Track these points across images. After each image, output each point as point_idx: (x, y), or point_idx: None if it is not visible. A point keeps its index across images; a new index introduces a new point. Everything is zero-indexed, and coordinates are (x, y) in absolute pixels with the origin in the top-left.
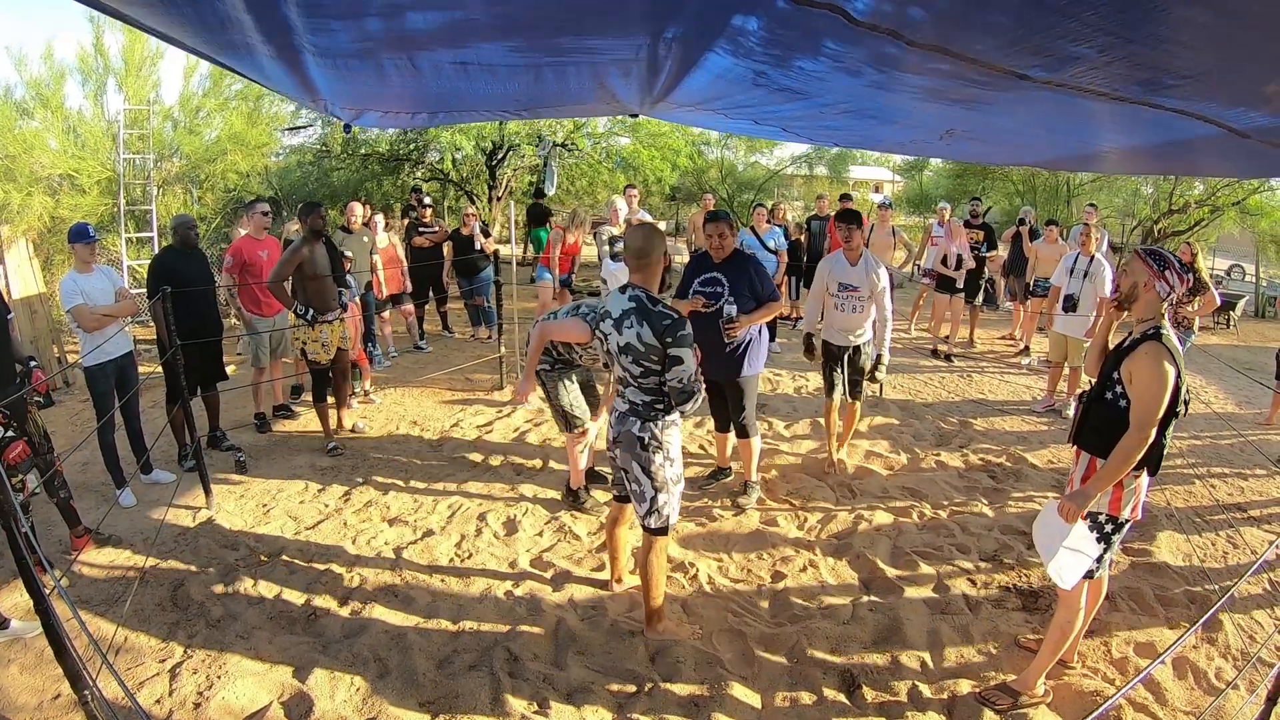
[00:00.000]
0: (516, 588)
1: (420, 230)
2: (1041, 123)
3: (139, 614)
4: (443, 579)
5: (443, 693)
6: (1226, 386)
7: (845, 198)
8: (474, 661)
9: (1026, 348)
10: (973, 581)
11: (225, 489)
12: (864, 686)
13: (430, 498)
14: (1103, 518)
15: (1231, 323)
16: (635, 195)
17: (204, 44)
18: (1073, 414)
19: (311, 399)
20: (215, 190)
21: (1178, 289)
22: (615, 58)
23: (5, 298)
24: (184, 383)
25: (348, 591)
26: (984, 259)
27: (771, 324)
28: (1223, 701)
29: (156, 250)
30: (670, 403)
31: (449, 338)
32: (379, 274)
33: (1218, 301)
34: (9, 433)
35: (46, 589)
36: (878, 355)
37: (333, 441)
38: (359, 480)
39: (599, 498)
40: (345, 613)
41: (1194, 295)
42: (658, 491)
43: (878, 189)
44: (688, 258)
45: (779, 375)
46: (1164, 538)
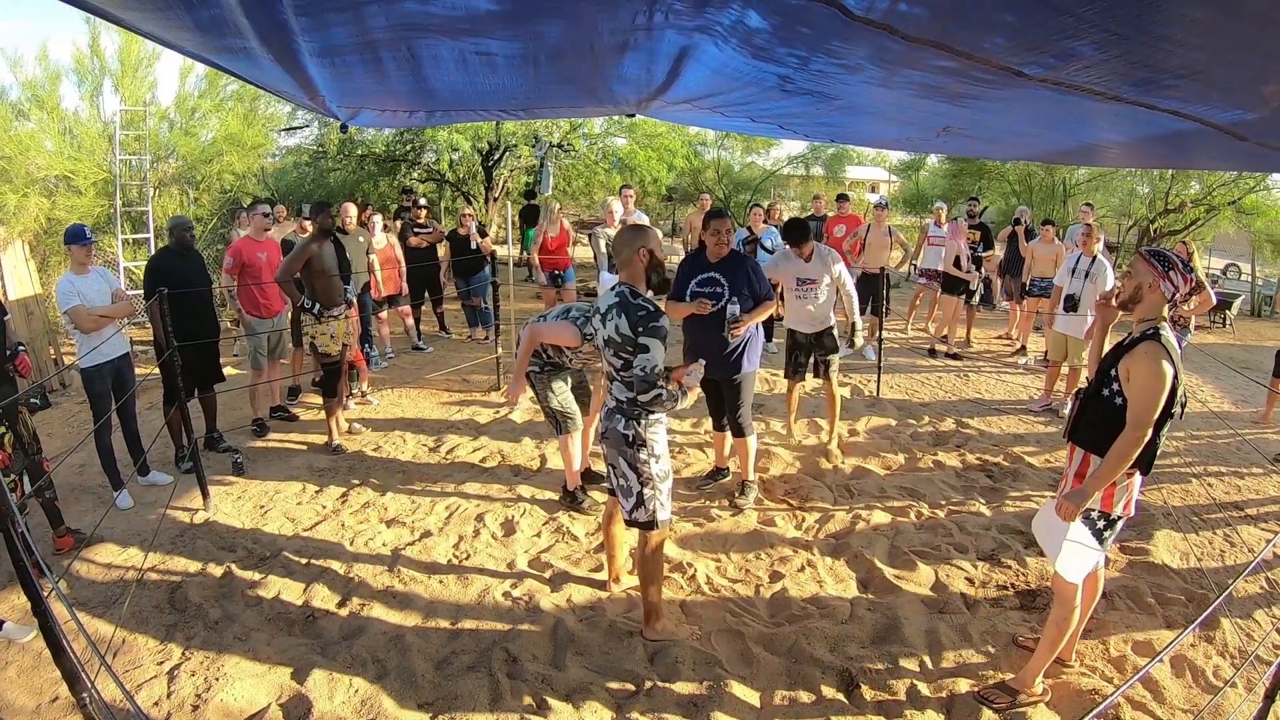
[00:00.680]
0: (515, 588)
1: (415, 231)
2: (1039, 120)
3: (137, 616)
4: (441, 580)
5: (441, 694)
6: (1223, 385)
7: (842, 198)
8: (472, 662)
9: (1023, 347)
10: (970, 581)
11: (223, 490)
12: (862, 686)
13: (428, 499)
14: (1095, 514)
15: (1228, 321)
16: (631, 196)
17: (200, 47)
18: (1069, 411)
19: (320, 397)
20: (211, 191)
21: (1182, 289)
22: (613, 48)
23: (1, 299)
24: (181, 384)
25: (346, 593)
26: (980, 259)
27: (768, 324)
28: (1221, 700)
29: (153, 251)
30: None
31: (446, 338)
32: (375, 275)
33: (1214, 301)
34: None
35: (44, 591)
36: (853, 324)
37: (337, 440)
38: (356, 481)
39: (597, 498)
40: (343, 614)
41: (1190, 294)
42: (643, 487)
43: (874, 189)
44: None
45: (775, 375)
46: (1161, 536)
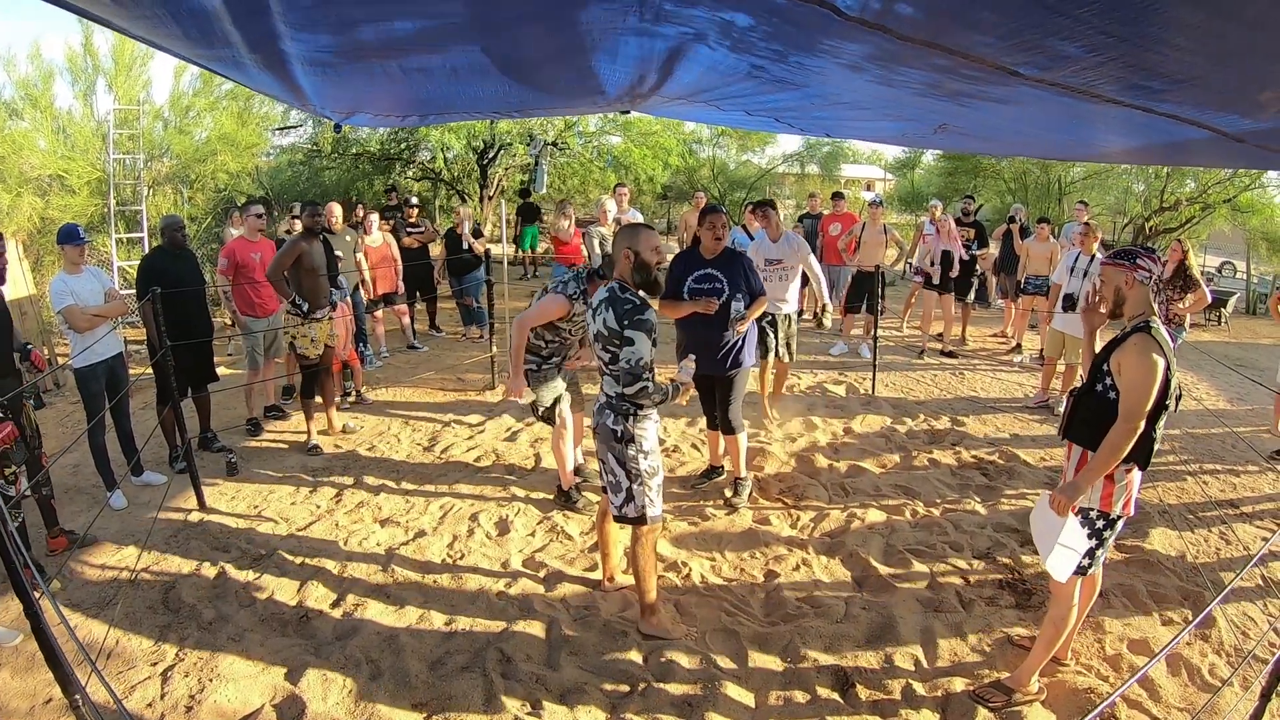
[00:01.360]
0: (509, 588)
1: (409, 231)
2: (1034, 119)
3: (130, 616)
4: (435, 580)
5: (435, 694)
6: (1218, 383)
7: (838, 196)
8: (467, 662)
9: (1018, 345)
10: (966, 579)
11: (216, 491)
12: (857, 685)
13: (422, 498)
14: (1094, 514)
15: (1223, 319)
16: (625, 194)
17: (191, 54)
18: (1064, 409)
19: (300, 396)
20: (205, 190)
21: (1155, 269)
22: (605, 52)
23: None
24: (175, 384)
25: (340, 593)
26: (975, 256)
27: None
28: (1217, 698)
29: (146, 251)
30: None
31: (437, 337)
32: (364, 273)
33: (1209, 299)
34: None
35: (35, 593)
36: (823, 305)
37: (313, 441)
38: (350, 481)
39: (591, 498)
40: (337, 614)
41: (1185, 293)
42: (632, 483)
43: (869, 187)
44: None
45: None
46: (1157, 534)
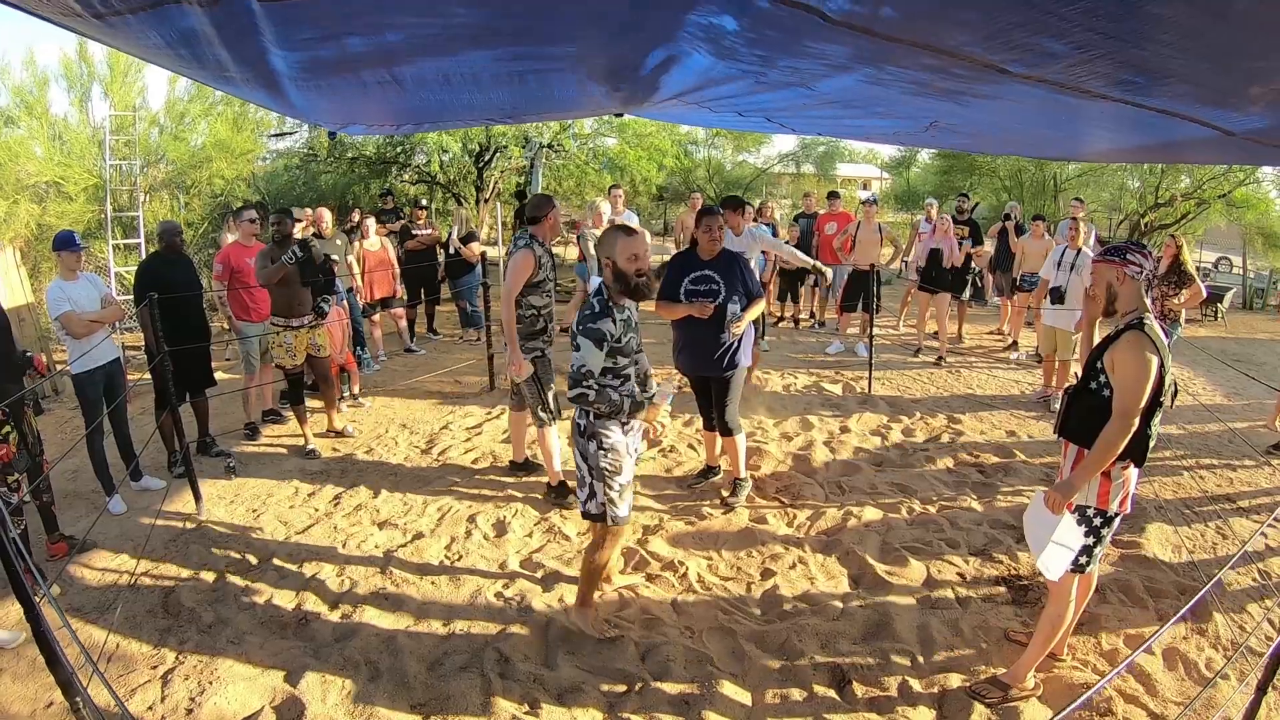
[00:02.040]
0: (507, 589)
1: (414, 234)
2: (1025, 115)
3: (130, 620)
4: (433, 581)
5: (434, 695)
6: (1214, 378)
7: (833, 195)
8: (465, 663)
9: (1015, 342)
10: (962, 576)
11: (215, 495)
12: (854, 682)
13: (420, 500)
14: (1091, 511)
15: (1219, 315)
16: (620, 196)
17: (184, 69)
18: (1059, 406)
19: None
20: (202, 196)
21: (1146, 265)
22: (597, 61)
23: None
24: (172, 389)
25: (338, 595)
26: (970, 254)
27: (758, 322)
28: (1213, 691)
29: (143, 257)
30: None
31: (435, 339)
32: (356, 278)
33: (1204, 294)
34: (2, 431)
35: (36, 596)
36: (814, 265)
37: (311, 445)
38: (349, 484)
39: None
40: (336, 616)
41: (1180, 288)
42: (594, 479)
43: (865, 186)
44: None
45: (768, 374)
46: (1153, 530)
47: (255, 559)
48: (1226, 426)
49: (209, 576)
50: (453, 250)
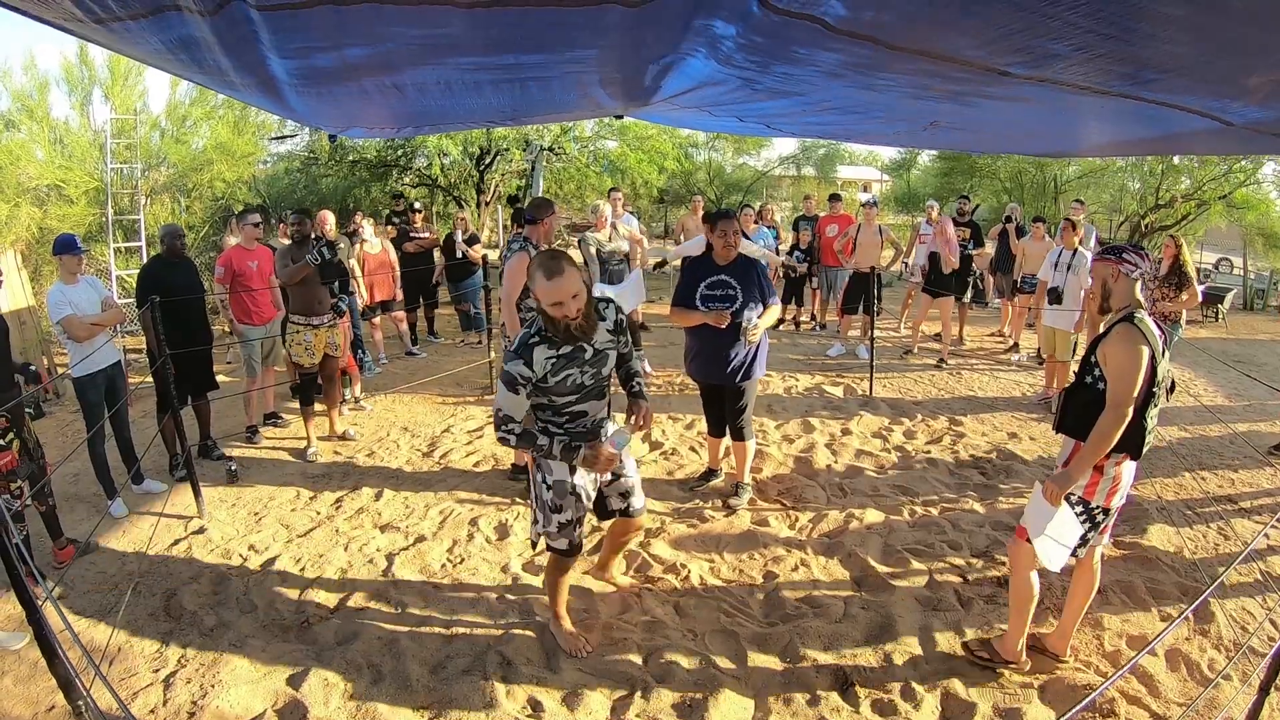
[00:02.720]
0: (509, 592)
1: (411, 237)
2: (1026, 114)
3: (132, 623)
4: (435, 584)
5: (436, 698)
6: (1216, 379)
7: (834, 198)
8: (467, 666)
9: (1016, 344)
10: (964, 578)
11: (217, 498)
12: (857, 685)
13: (422, 503)
14: (1074, 498)
15: (1220, 316)
16: (620, 198)
17: (182, 71)
18: (1057, 403)
19: (298, 404)
20: (203, 199)
21: (1143, 265)
22: (597, 67)
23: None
24: (174, 392)
25: (340, 598)
26: (970, 256)
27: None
28: (1215, 692)
29: (145, 260)
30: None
31: (436, 342)
32: (358, 280)
33: (1200, 297)
34: (6, 438)
35: (38, 599)
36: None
37: (313, 448)
38: (350, 487)
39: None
40: (338, 619)
41: (1180, 290)
42: (537, 509)
43: (866, 188)
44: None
45: (769, 376)
46: (1155, 530)
47: (257, 562)
48: (1228, 427)
49: (211, 579)
50: (460, 254)
